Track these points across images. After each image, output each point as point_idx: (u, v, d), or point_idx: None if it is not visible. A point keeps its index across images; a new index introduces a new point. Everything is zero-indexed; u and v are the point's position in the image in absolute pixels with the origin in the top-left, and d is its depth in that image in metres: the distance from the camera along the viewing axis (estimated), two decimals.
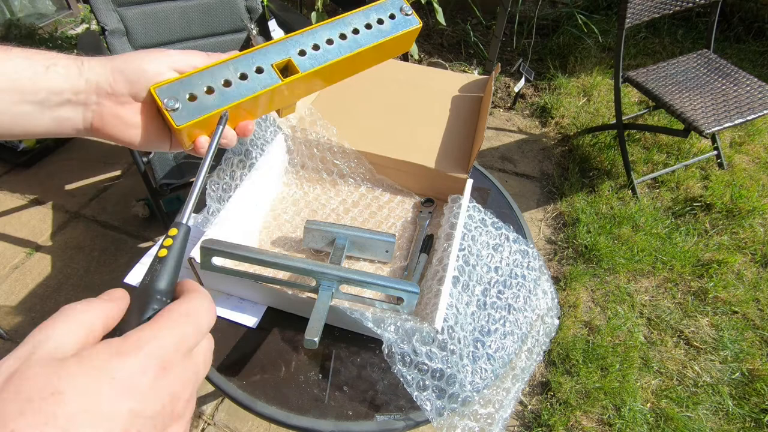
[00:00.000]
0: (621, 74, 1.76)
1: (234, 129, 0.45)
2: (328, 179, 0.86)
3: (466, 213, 0.73)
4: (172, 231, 0.30)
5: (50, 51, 0.39)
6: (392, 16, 0.49)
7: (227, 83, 0.42)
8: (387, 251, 0.71)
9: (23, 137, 0.39)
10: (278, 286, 0.61)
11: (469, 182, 0.76)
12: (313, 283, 0.55)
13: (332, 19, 0.46)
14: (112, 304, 0.25)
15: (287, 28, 1.43)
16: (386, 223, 0.80)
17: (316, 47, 0.45)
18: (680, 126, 1.65)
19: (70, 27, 2.56)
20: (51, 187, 1.82)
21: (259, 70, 0.44)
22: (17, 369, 0.19)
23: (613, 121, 1.93)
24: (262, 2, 1.45)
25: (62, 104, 0.38)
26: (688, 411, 1.27)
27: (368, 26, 0.47)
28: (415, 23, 0.50)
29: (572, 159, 2.04)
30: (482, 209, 0.76)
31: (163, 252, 0.29)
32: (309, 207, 0.82)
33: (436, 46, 2.66)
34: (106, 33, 1.26)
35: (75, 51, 1.77)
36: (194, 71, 0.42)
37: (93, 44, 1.24)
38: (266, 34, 1.48)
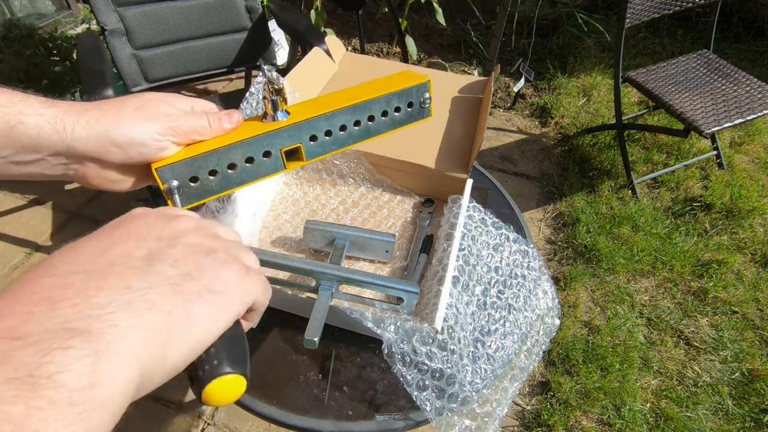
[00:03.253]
0: (621, 74, 1.76)
1: None
2: (328, 179, 0.86)
3: (466, 213, 0.73)
4: None
5: (21, 95, 0.32)
6: (410, 105, 0.47)
7: (232, 166, 0.40)
8: (387, 251, 0.71)
9: None
10: (278, 286, 0.61)
11: (469, 182, 0.76)
12: (313, 283, 0.55)
13: (354, 100, 0.44)
14: None
15: (287, 28, 1.43)
16: (386, 223, 0.80)
17: (328, 133, 0.44)
18: (680, 126, 1.65)
19: (70, 27, 2.56)
20: (51, 187, 1.82)
21: (267, 154, 0.41)
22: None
23: (613, 121, 1.93)
24: (262, 2, 1.45)
25: (35, 162, 0.33)
26: (688, 411, 1.27)
27: (384, 113, 0.46)
28: (427, 115, 0.50)
29: (572, 159, 2.04)
30: (482, 209, 0.76)
31: None
32: (309, 207, 0.82)
33: (436, 46, 2.67)
34: (106, 33, 1.26)
35: (74, 52, 1.78)
36: (201, 152, 0.38)
37: (93, 44, 1.24)
38: (266, 34, 1.48)
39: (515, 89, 2.22)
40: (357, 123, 0.45)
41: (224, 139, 0.39)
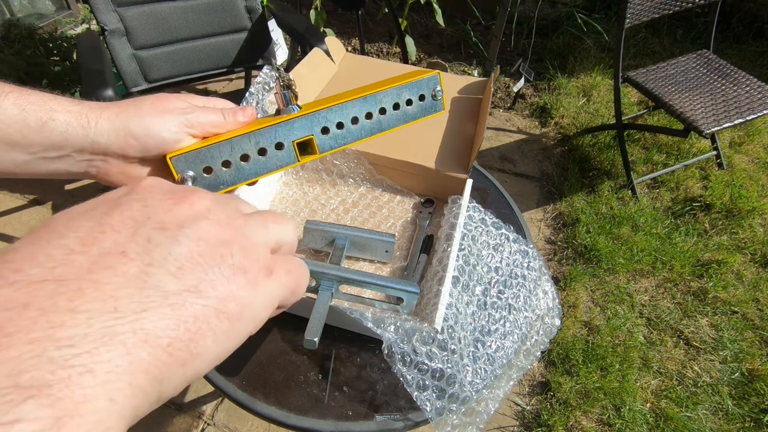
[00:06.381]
0: (621, 74, 1.76)
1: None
2: (328, 179, 0.86)
3: (466, 213, 0.73)
4: None
5: (50, 95, 0.35)
6: (422, 98, 0.47)
7: (245, 157, 0.41)
8: (387, 251, 0.71)
9: (12, 177, 0.36)
10: None
11: (469, 182, 0.76)
12: (313, 283, 0.55)
13: (364, 93, 0.45)
14: None
15: (287, 28, 1.43)
16: (386, 223, 0.80)
17: (340, 125, 0.44)
18: (680, 126, 1.65)
19: (70, 27, 2.56)
20: (51, 187, 1.82)
21: (279, 146, 0.42)
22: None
23: (613, 121, 1.93)
24: (262, 2, 1.45)
25: (61, 158, 0.35)
26: (687, 411, 1.27)
27: (396, 106, 0.46)
28: (441, 108, 0.49)
29: (572, 159, 2.04)
30: (482, 209, 0.76)
31: None
32: (309, 207, 0.82)
33: (436, 46, 2.67)
34: (106, 33, 1.26)
35: (74, 52, 1.77)
36: (214, 142, 0.39)
37: (93, 44, 1.24)
38: (266, 34, 1.48)
39: (515, 89, 2.22)
40: (369, 116, 0.45)
41: (238, 131, 0.40)
